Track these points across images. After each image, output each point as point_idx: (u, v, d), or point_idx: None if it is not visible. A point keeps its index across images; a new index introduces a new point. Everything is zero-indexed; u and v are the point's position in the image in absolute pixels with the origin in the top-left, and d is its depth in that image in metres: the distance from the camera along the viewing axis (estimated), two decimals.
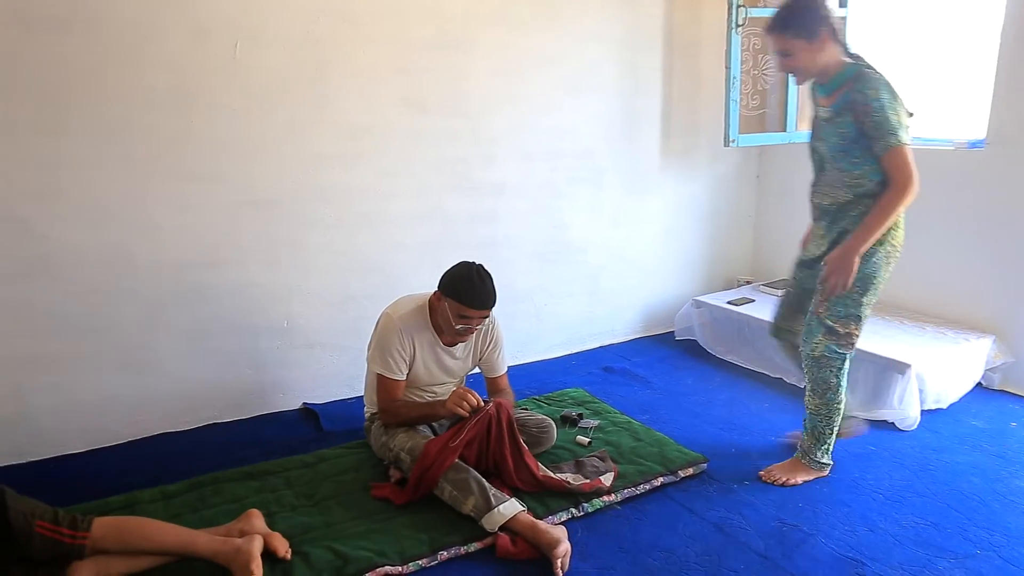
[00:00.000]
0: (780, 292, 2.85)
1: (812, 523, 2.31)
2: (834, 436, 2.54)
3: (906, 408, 2.97)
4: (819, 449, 2.53)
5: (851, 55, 2.24)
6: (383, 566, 2.02)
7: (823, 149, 2.35)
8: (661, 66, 3.77)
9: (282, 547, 2.04)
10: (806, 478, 2.52)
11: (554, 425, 2.71)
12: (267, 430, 2.96)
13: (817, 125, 2.36)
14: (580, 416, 2.94)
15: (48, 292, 2.59)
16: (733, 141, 3.64)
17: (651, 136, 3.86)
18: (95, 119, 2.54)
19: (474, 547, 2.15)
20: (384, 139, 3.10)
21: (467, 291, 2.39)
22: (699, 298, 3.92)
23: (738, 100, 3.58)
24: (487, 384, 2.75)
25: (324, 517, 2.27)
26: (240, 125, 2.79)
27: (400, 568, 2.04)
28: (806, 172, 2.61)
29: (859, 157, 2.21)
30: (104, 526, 1.91)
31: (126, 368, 2.77)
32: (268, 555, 2.02)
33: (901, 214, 2.26)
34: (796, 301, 2.66)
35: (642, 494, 2.45)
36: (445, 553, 2.10)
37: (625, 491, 2.43)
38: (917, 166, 2.17)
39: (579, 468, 2.52)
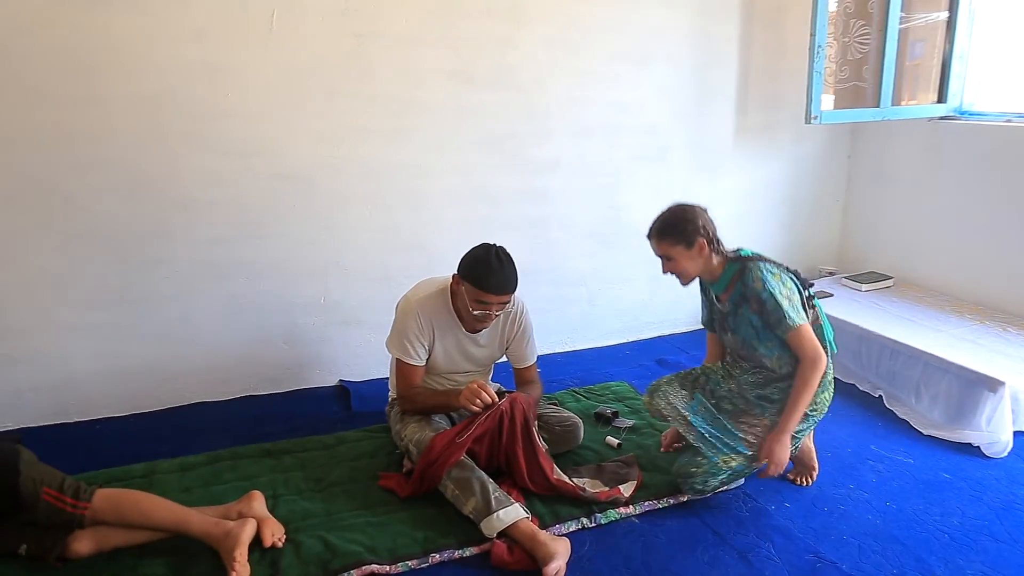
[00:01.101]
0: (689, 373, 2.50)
1: (854, 561, 2.03)
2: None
3: (996, 431, 2.58)
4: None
5: (732, 254, 2.28)
6: (370, 564, 1.95)
7: (735, 341, 2.33)
8: (738, 35, 3.42)
9: (269, 535, 2.00)
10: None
11: (580, 424, 2.54)
12: (299, 406, 2.97)
13: (722, 319, 2.36)
14: (615, 414, 2.75)
15: (89, 263, 2.66)
16: (816, 118, 3.25)
17: (724, 112, 3.52)
18: (133, 92, 2.56)
19: (470, 552, 2.03)
20: (427, 113, 2.98)
21: (484, 274, 2.24)
22: None
23: (823, 72, 3.18)
24: (515, 375, 2.61)
25: (327, 505, 2.23)
26: (276, 98, 2.75)
27: (388, 568, 1.96)
28: (904, 153, 2.30)
29: (773, 341, 2.22)
30: (104, 498, 1.94)
31: (164, 338, 2.83)
32: (261, 540, 2.00)
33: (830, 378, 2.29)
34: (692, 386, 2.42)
35: (665, 508, 2.25)
36: (437, 556, 2.01)
37: (646, 503, 2.24)
38: None
39: (599, 473, 2.35)
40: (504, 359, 2.61)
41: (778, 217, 3.83)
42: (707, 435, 2.22)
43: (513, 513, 2.05)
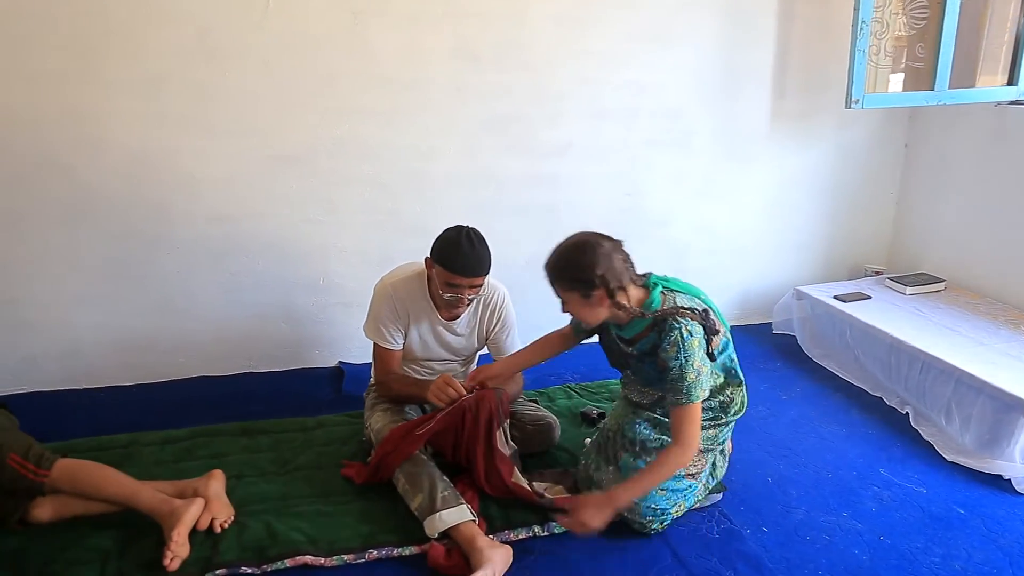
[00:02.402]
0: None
1: None
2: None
3: None
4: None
5: (642, 292, 1.97)
6: (305, 555, 1.92)
7: (638, 380, 2.13)
8: (776, 10, 3.13)
9: (208, 518, 2.01)
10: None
11: (554, 425, 2.42)
12: (294, 385, 2.99)
13: (624, 357, 2.11)
14: (601, 415, 2.61)
15: (94, 237, 2.75)
16: (857, 102, 2.94)
17: (758, 95, 3.25)
18: (132, 72, 2.61)
19: (410, 551, 1.97)
20: (429, 93, 2.89)
21: (454, 256, 2.15)
22: (801, 288, 3.31)
23: (867, 50, 2.87)
24: None
25: (285, 489, 2.22)
26: (274, 78, 2.73)
27: (323, 560, 1.92)
28: (967, 142, 2.03)
29: None
30: (63, 468, 2.00)
31: (167, 313, 2.91)
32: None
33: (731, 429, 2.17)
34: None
35: (626, 519, 2.10)
36: (375, 552, 1.96)
37: None
38: None
39: (563, 478, 2.23)
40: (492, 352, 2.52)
41: (820, 209, 3.52)
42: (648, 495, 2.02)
43: (457, 515, 1.97)
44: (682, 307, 1.93)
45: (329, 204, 2.94)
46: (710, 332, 1.96)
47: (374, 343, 2.38)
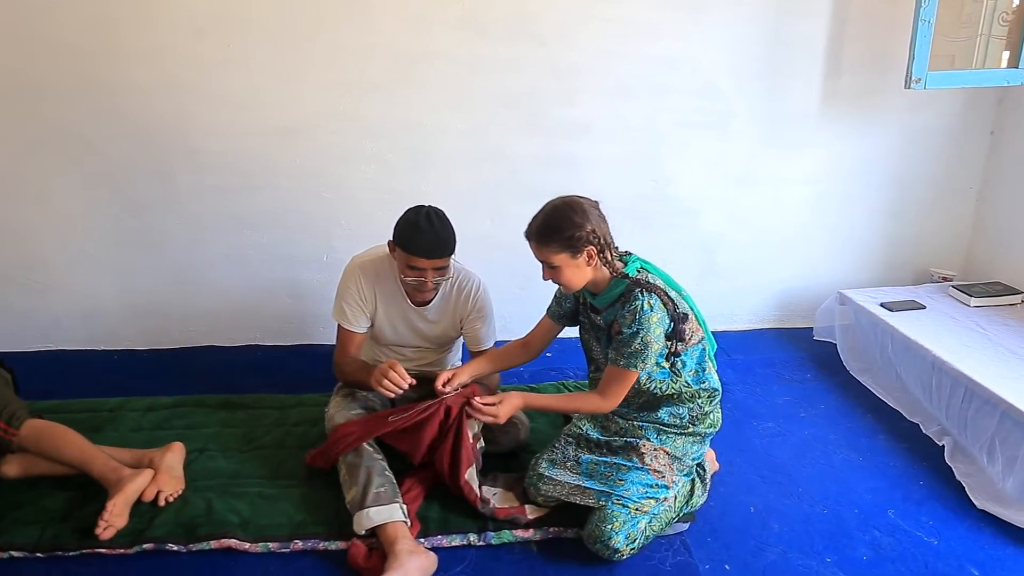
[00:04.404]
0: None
1: None
2: None
3: None
4: None
5: (621, 264, 1.93)
6: (232, 538, 1.90)
7: (602, 355, 2.02)
8: None
9: (153, 491, 2.02)
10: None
11: (522, 425, 2.27)
12: (295, 361, 3.00)
13: (596, 330, 2.03)
14: None
15: (110, 205, 2.85)
16: (918, 81, 2.54)
17: (809, 72, 2.89)
18: (141, 44, 2.64)
19: (336, 545, 1.90)
20: (434, 67, 2.76)
21: (413, 237, 2.04)
22: (846, 292, 2.93)
23: (931, 21, 2.45)
24: (471, 358, 2.39)
25: (239, 467, 2.22)
26: (278, 51, 2.69)
27: (247, 545, 1.89)
28: None
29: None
30: (30, 428, 2.07)
31: (178, 282, 2.98)
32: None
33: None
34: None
35: (573, 539, 1.93)
36: (300, 543, 1.90)
37: (551, 530, 1.94)
38: None
39: (515, 485, 2.08)
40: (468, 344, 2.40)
41: (881, 204, 3.11)
42: (607, 489, 1.88)
43: (386, 514, 1.88)
44: (652, 283, 1.89)
45: (332, 180, 2.89)
46: (676, 320, 1.88)
47: (337, 324, 2.31)
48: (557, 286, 2.04)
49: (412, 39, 2.71)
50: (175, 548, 1.89)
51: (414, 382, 2.03)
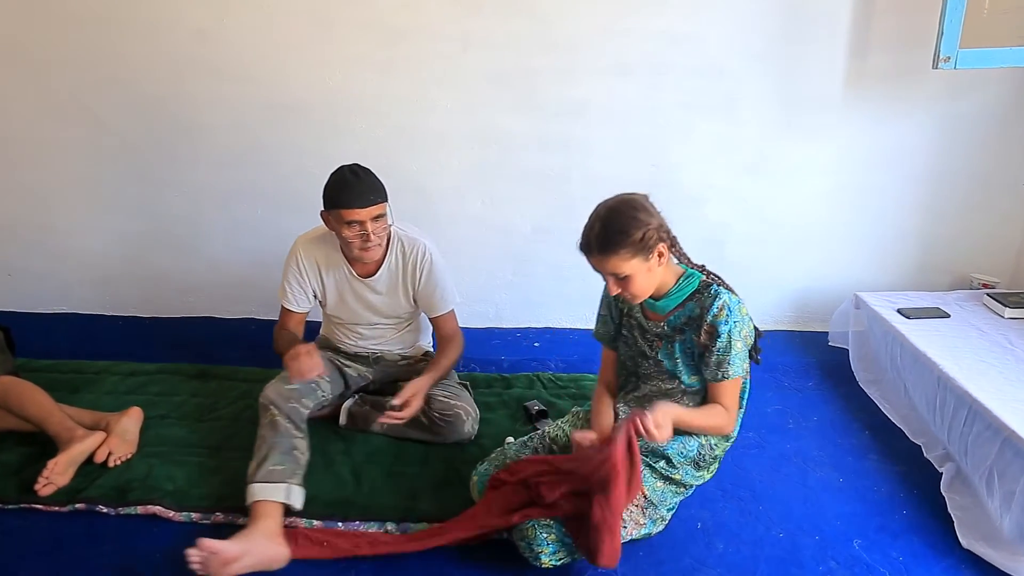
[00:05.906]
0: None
1: None
2: None
3: None
4: None
5: (687, 260, 1.80)
6: (159, 504, 1.92)
7: (651, 368, 1.86)
8: None
9: (104, 452, 2.07)
10: None
11: (465, 418, 2.17)
12: None
13: (648, 338, 1.85)
14: (542, 414, 2.31)
15: (116, 176, 2.95)
16: (947, 59, 2.25)
17: (831, 51, 2.62)
18: (144, 15, 2.70)
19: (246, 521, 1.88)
20: (425, 43, 2.69)
21: (341, 191, 2.02)
22: (862, 294, 2.66)
23: None
24: (433, 328, 2.34)
25: (191, 435, 2.26)
26: (270, 23, 2.69)
27: (172, 514, 1.91)
28: None
29: (700, 375, 1.79)
30: None
31: (180, 253, 3.06)
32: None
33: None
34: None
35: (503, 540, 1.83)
36: (221, 516, 1.90)
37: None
38: None
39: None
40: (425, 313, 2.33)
41: (915, 199, 2.80)
42: None
43: (268, 492, 1.83)
44: (725, 281, 1.79)
45: (322, 157, 2.79)
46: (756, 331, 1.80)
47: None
48: (599, 305, 1.95)
49: (399, 13, 2.65)
50: (104, 510, 1.92)
51: (322, 372, 2.03)
